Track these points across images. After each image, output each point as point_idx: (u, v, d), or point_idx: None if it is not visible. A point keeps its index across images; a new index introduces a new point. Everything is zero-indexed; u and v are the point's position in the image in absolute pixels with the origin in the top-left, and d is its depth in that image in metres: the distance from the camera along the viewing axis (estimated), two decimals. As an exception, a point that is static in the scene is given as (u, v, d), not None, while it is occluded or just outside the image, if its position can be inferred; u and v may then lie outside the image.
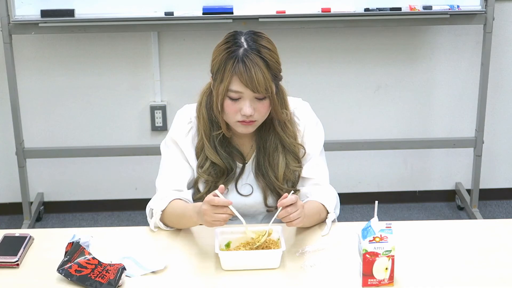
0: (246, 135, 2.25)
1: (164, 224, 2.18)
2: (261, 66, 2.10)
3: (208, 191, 2.22)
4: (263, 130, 2.24)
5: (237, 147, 2.27)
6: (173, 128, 2.27)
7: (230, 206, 1.99)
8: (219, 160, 2.22)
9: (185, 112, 2.29)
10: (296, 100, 2.31)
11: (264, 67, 2.10)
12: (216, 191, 2.01)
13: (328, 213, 2.21)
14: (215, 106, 2.17)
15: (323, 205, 2.21)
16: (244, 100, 2.12)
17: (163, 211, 2.16)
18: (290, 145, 2.25)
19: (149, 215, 2.22)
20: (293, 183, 2.27)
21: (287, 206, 2.01)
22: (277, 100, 2.18)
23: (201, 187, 2.25)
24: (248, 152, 2.29)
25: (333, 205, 2.24)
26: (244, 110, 2.12)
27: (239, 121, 2.15)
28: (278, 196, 2.23)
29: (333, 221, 2.22)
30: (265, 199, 2.27)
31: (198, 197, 2.24)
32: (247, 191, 2.27)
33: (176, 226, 2.19)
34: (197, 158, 2.25)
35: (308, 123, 2.28)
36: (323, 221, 2.21)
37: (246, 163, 2.27)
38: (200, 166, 2.23)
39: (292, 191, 2.06)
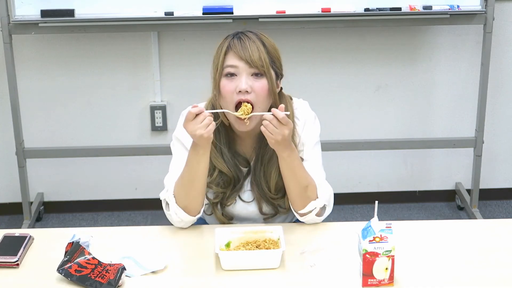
0: (248, 141, 2.25)
1: (183, 207, 2.14)
2: (256, 42, 2.13)
3: (215, 197, 2.24)
4: (264, 140, 2.16)
5: (241, 154, 2.27)
6: (178, 129, 2.25)
7: (206, 111, 2.04)
8: (226, 169, 2.21)
9: None
10: (295, 100, 2.30)
11: (261, 44, 2.14)
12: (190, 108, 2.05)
13: (317, 198, 2.18)
14: (213, 94, 2.17)
15: (316, 187, 2.17)
16: (240, 77, 2.12)
17: (174, 193, 2.14)
18: None
19: (166, 208, 2.19)
20: (285, 192, 2.24)
21: (276, 119, 2.02)
22: (276, 84, 2.16)
23: (209, 195, 2.25)
24: (249, 159, 2.28)
25: (326, 196, 2.20)
26: (240, 86, 2.11)
27: (236, 105, 2.12)
28: (272, 205, 2.24)
29: (323, 209, 2.19)
30: (260, 208, 2.27)
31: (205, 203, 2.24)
32: (249, 198, 2.27)
33: (192, 194, 2.13)
34: None
35: (308, 119, 2.27)
36: (306, 200, 2.16)
37: (248, 168, 2.27)
38: (209, 175, 2.20)
39: (288, 113, 2.08)
